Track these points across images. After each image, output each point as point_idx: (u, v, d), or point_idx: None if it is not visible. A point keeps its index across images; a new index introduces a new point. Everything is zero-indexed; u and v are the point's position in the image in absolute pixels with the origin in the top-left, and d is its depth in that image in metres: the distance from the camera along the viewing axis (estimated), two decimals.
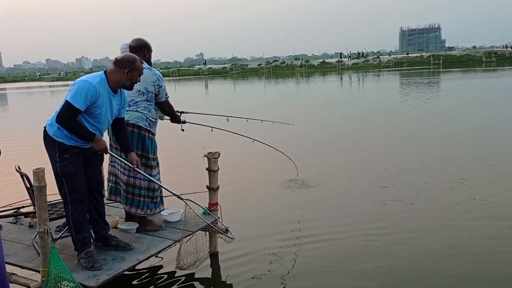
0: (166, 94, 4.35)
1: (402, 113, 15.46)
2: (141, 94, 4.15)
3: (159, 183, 4.12)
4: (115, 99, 3.62)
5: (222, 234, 4.45)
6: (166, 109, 4.45)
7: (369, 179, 7.38)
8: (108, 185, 4.48)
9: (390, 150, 9.61)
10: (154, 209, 4.35)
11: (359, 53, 73.04)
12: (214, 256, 4.72)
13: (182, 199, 3.82)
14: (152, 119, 4.28)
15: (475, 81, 30.06)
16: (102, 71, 3.59)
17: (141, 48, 4.24)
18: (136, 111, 4.16)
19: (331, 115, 15.44)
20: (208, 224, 4.19)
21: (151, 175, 4.18)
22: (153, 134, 4.33)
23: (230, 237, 4.38)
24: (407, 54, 78.17)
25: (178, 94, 31.77)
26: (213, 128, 5.49)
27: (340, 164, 8.58)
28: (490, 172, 7.34)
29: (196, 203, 3.99)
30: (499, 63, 52.22)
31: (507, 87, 24.38)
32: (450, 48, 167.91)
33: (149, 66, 4.27)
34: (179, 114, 4.87)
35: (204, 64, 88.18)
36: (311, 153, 9.61)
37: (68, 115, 3.37)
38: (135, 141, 4.16)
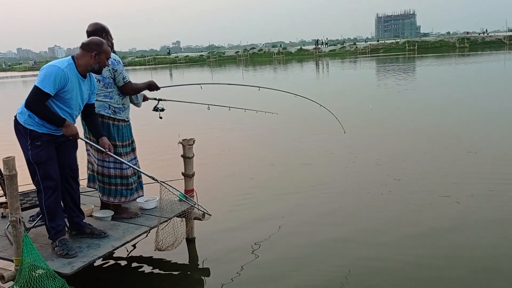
0: (124, 78, 4.14)
1: (377, 99, 15.70)
2: (97, 81, 4.04)
3: (131, 165, 4.07)
4: (84, 84, 3.59)
5: (200, 208, 4.47)
6: (130, 93, 4.29)
7: (341, 166, 7.53)
8: (87, 172, 4.46)
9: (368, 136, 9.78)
10: (130, 195, 4.33)
11: (317, 41, 72.72)
12: (190, 241, 4.77)
13: (157, 180, 3.83)
14: (117, 106, 4.17)
15: (450, 67, 30.58)
16: (70, 56, 3.56)
17: (97, 32, 4.08)
18: (96, 100, 4.04)
19: (311, 104, 15.39)
20: (185, 201, 4.21)
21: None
22: (121, 121, 4.22)
23: (208, 213, 4.42)
24: (377, 41, 78.62)
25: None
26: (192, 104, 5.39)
27: (317, 151, 8.69)
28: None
29: (173, 187, 4.01)
30: (472, 48, 53.29)
31: (480, 73, 24.91)
32: (425, 34, 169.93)
33: None
34: (156, 101, 4.82)
35: (168, 54, 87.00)
36: (290, 141, 9.69)
37: (37, 100, 3.34)
38: None
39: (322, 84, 24.36)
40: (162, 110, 4.83)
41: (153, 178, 3.86)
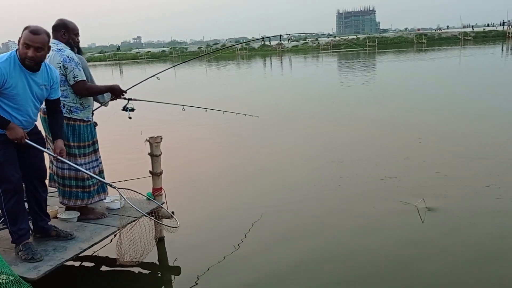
0: (75, 77, 3.89)
1: (341, 93, 15.98)
2: None
3: (83, 169, 3.83)
4: (36, 77, 3.35)
5: (163, 224, 4.35)
6: (83, 93, 4.02)
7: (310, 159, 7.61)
8: (48, 171, 4.30)
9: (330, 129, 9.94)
10: (88, 198, 4.16)
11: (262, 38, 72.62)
12: (160, 240, 4.69)
13: (114, 187, 3.69)
14: (73, 105, 3.97)
15: (409, 63, 31.43)
16: (15, 49, 3.34)
17: (57, 28, 3.94)
18: None
19: (283, 103, 15.06)
20: (144, 214, 3.99)
21: (75, 164, 3.91)
22: (79, 120, 4.02)
23: (173, 226, 4.25)
24: (334, 37, 78.89)
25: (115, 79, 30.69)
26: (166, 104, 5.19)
27: (289, 145, 8.76)
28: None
29: (133, 191, 3.82)
30: (429, 44, 55.05)
31: (437, 68, 25.75)
32: (385, 30, 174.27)
33: (61, 48, 3.94)
34: (126, 100, 4.65)
35: (118, 50, 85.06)
36: (261, 143, 9.72)
37: None
38: None
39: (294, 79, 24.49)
40: (132, 110, 4.62)
41: (109, 185, 3.74)
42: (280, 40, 70.31)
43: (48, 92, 3.52)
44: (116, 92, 4.26)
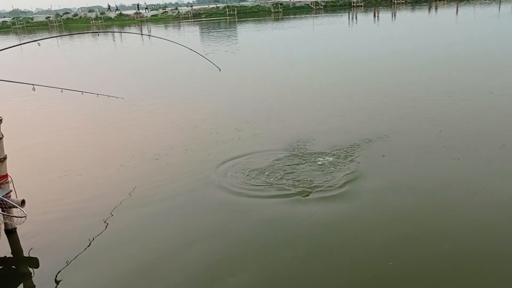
0: None
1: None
2: None
3: None
4: None
5: (7, 215, 3.93)
6: None
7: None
8: None
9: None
10: None
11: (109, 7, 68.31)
12: (11, 233, 4.26)
13: None
14: None
15: (269, 32, 32.58)
16: None
17: None
18: None
19: (149, 81, 13.90)
20: None
21: None
22: None
23: (19, 216, 3.85)
24: (191, 7, 75.94)
25: None
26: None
27: (153, 128, 8.49)
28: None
29: None
30: (285, 13, 57.53)
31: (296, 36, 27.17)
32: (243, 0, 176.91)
33: None
34: None
35: None
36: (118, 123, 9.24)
37: None
38: None
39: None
40: None
41: None
42: (138, 9, 67.32)
43: None
44: None
